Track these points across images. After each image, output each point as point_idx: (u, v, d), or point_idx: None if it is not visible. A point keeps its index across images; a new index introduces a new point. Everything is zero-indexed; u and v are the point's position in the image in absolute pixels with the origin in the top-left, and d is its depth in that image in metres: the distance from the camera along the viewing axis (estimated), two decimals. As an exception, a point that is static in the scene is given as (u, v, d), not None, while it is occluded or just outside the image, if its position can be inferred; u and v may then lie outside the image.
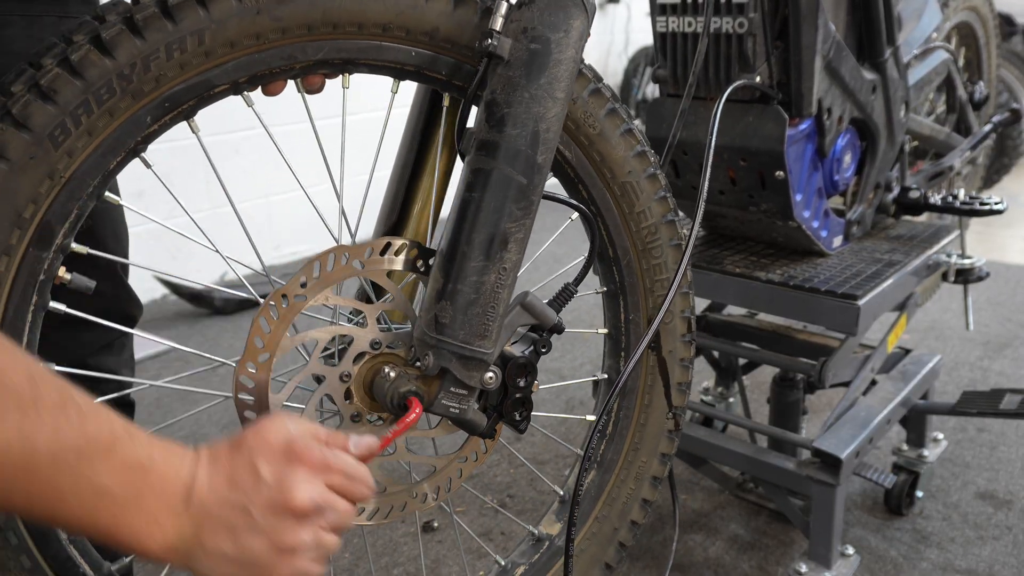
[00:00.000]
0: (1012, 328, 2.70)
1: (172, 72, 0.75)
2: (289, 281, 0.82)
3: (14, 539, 0.76)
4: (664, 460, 1.11)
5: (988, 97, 1.99)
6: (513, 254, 0.83)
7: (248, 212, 3.36)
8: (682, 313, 1.07)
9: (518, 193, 0.82)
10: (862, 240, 1.64)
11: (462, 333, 0.82)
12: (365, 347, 0.86)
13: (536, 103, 0.82)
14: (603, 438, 1.10)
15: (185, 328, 2.85)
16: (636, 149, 0.99)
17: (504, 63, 0.83)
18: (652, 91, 5.19)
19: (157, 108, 0.76)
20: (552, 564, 1.08)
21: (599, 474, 1.10)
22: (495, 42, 0.82)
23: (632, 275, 1.04)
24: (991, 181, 4.05)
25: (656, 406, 1.09)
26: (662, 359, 1.08)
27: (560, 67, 0.83)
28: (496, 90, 0.83)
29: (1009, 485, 1.82)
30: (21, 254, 0.72)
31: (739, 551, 1.63)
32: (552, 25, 0.83)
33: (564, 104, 0.85)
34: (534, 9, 0.83)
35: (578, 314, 2.80)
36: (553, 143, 0.84)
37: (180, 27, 0.73)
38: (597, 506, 1.10)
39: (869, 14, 1.47)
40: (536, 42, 0.82)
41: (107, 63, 0.71)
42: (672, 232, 1.04)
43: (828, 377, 1.46)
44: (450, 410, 0.85)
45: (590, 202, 1.00)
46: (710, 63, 1.34)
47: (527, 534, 1.11)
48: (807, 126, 1.37)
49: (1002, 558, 1.59)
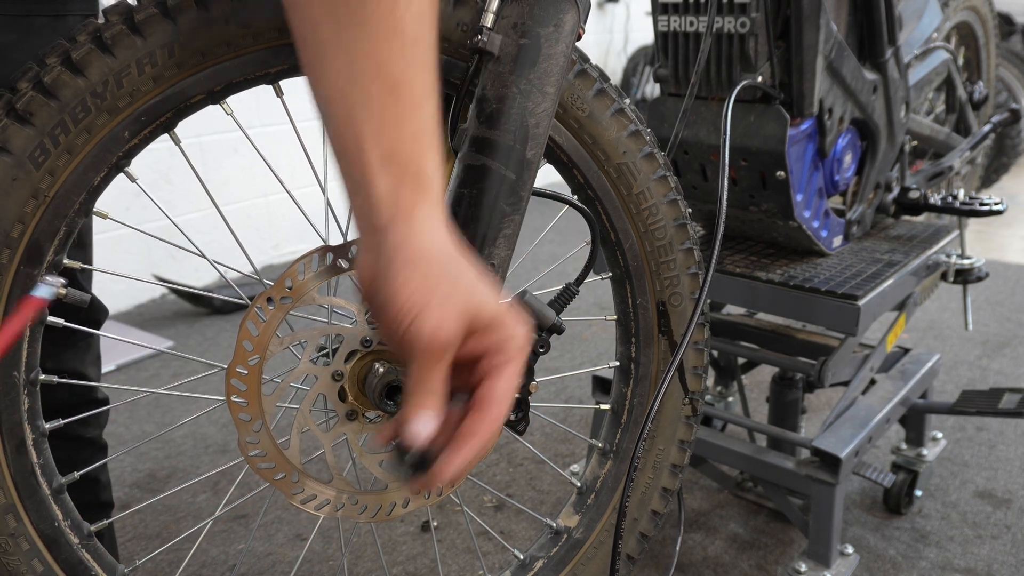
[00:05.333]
0: (1011, 327, 2.71)
1: (145, 86, 0.76)
2: (275, 284, 0.82)
3: (25, 544, 0.77)
4: (683, 447, 1.09)
5: (987, 97, 1.99)
6: (502, 250, 0.82)
7: (247, 211, 3.36)
8: (691, 295, 1.05)
9: (507, 189, 0.81)
10: (862, 240, 1.64)
11: None
12: (356, 345, 0.86)
13: (525, 98, 0.81)
14: (619, 427, 1.08)
15: (184, 327, 2.85)
16: (629, 129, 0.98)
17: (494, 59, 0.83)
18: (652, 90, 5.19)
19: (134, 123, 0.77)
20: (571, 557, 1.06)
21: (615, 464, 1.08)
22: (485, 38, 0.82)
23: (636, 258, 1.02)
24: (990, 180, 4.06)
25: (671, 392, 1.07)
26: (673, 343, 1.05)
27: (550, 62, 0.83)
28: (487, 86, 0.82)
29: (1008, 484, 1.83)
30: (12, 273, 0.74)
31: (738, 550, 1.63)
32: (542, 20, 0.82)
33: (555, 99, 0.84)
34: (524, 4, 0.82)
35: (576, 313, 2.81)
36: (543, 138, 0.83)
37: (149, 42, 0.75)
38: (615, 497, 1.07)
39: (870, 14, 1.47)
40: (526, 37, 0.82)
41: (79, 82, 0.73)
42: (676, 212, 1.02)
43: (827, 376, 1.46)
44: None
45: (586, 187, 0.99)
46: (712, 63, 1.34)
47: (545, 527, 1.09)
48: (808, 126, 1.37)
49: (1001, 557, 1.59)
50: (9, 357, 0.76)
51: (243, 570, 1.60)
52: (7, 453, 0.78)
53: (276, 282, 0.82)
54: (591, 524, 1.07)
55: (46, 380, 0.81)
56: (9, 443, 0.77)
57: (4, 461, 0.78)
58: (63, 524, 0.81)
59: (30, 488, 0.79)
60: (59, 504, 0.81)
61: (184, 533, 1.10)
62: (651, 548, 1.64)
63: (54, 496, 0.81)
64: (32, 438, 0.79)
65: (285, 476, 0.86)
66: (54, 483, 0.81)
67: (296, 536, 1.70)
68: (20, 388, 0.77)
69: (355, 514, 0.90)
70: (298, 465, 0.86)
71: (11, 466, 0.78)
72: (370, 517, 0.92)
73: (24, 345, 0.77)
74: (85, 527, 0.83)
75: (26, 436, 0.78)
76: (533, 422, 0.93)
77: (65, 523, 0.81)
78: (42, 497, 0.80)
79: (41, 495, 0.79)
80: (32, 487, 0.79)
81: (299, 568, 1.59)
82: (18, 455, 0.78)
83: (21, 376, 0.78)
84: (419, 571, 1.59)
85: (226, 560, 1.63)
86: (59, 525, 0.81)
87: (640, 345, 1.06)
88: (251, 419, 0.83)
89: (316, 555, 1.63)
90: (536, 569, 1.06)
